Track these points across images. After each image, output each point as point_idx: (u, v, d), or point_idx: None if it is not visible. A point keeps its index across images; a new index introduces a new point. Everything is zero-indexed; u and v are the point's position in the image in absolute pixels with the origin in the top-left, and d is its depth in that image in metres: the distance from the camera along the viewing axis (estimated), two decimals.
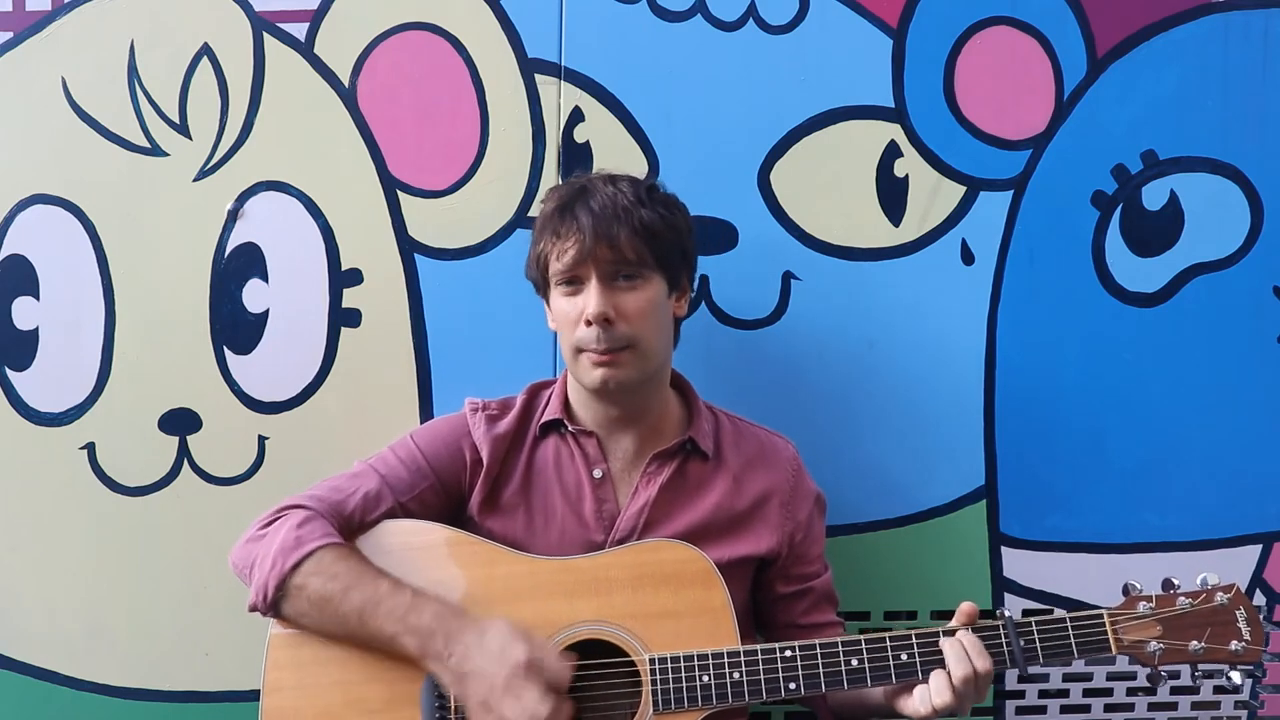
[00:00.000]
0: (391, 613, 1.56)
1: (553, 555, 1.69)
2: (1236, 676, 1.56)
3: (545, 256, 1.71)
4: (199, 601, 2.03)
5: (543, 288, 1.77)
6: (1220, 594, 1.57)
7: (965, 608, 1.58)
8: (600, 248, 1.66)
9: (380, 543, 1.68)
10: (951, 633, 1.57)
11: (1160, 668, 1.57)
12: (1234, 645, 1.55)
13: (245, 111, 1.99)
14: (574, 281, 1.69)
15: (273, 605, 1.60)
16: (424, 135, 2.01)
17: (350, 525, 1.68)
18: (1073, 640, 1.56)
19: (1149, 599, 1.58)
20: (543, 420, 1.79)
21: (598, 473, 1.77)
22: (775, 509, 1.80)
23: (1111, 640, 1.56)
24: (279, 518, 1.66)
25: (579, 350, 1.68)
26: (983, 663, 1.53)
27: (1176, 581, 1.59)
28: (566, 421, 1.78)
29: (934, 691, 1.53)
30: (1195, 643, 1.55)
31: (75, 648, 2.04)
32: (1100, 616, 1.57)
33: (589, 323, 1.65)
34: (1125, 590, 1.59)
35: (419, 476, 1.75)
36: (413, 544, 1.68)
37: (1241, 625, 1.56)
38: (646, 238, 1.69)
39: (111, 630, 2.04)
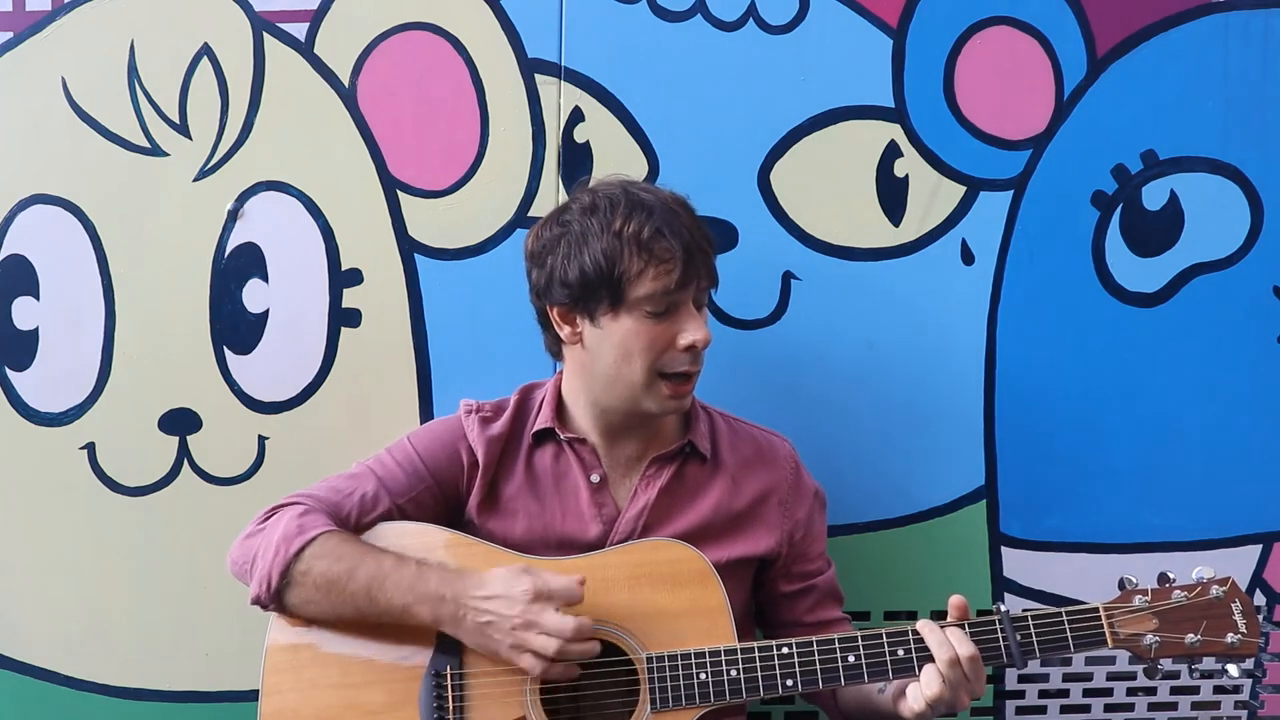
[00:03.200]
0: (399, 584, 1.57)
1: (550, 556, 1.70)
2: (1233, 669, 1.56)
3: (630, 274, 1.62)
4: (199, 601, 2.03)
5: (595, 302, 1.65)
6: (1215, 587, 1.57)
7: (955, 600, 1.58)
8: (701, 274, 1.66)
9: (377, 545, 1.68)
10: (945, 628, 1.56)
11: (1157, 661, 1.57)
12: (1230, 638, 1.55)
13: (245, 111, 1.99)
14: (671, 307, 1.65)
15: (276, 594, 1.60)
16: (424, 135, 2.01)
17: (346, 526, 1.68)
18: (1069, 634, 1.56)
19: (1145, 592, 1.57)
20: (535, 430, 1.79)
21: (595, 477, 1.76)
22: (774, 508, 1.80)
23: (1108, 634, 1.56)
24: (276, 512, 1.67)
25: (657, 375, 1.67)
26: (965, 648, 1.52)
27: (1172, 575, 1.58)
28: (559, 430, 1.78)
29: (924, 684, 1.53)
30: (1191, 635, 1.55)
31: (75, 648, 2.05)
32: (1096, 610, 1.57)
33: (690, 348, 1.65)
34: (1121, 584, 1.59)
35: (416, 479, 1.75)
36: (409, 546, 1.67)
37: (1237, 618, 1.56)
38: (714, 260, 1.71)
39: (111, 630, 2.04)
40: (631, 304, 1.64)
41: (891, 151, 2.04)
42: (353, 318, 2.03)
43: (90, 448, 2.02)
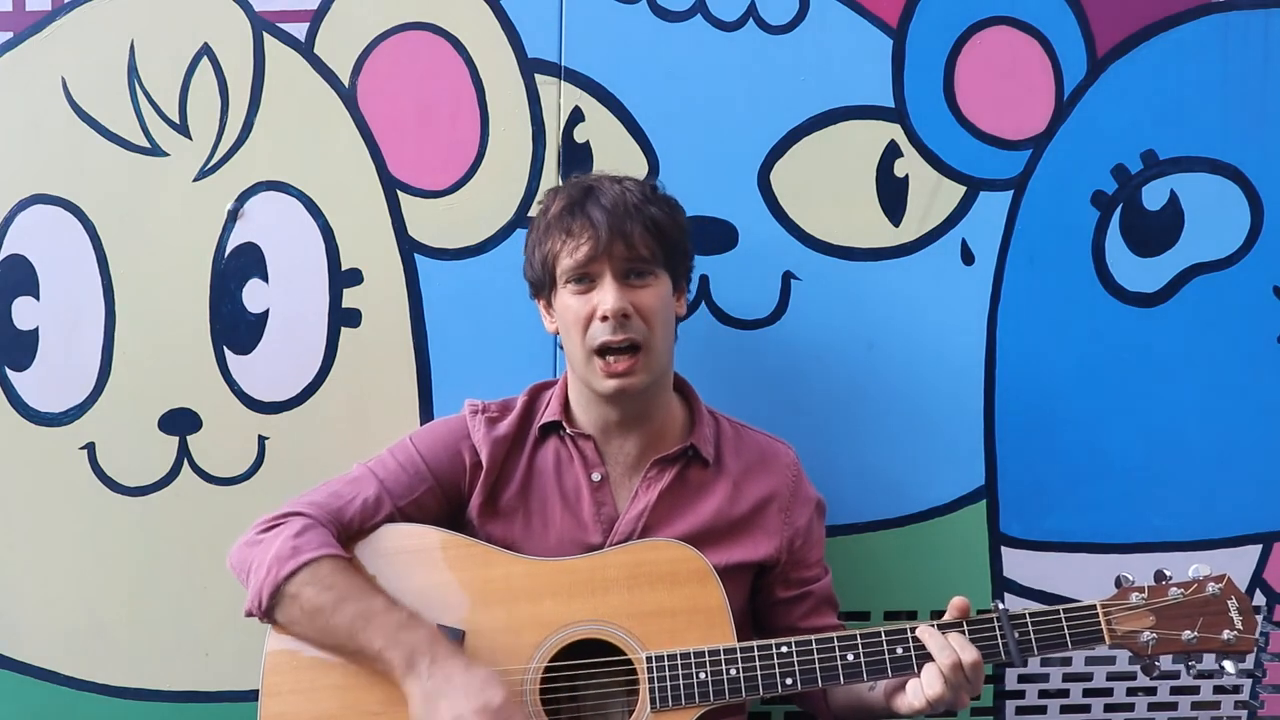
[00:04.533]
0: (383, 627, 1.56)
1: (550, 556, 1.70)
2: (1230, 666, 1.56)
3: (554, 255, 1.70)
4: (199, 601, 2.03)
5: (546, 288, 1.75)
6: (1211, 584, 1.58)
7: (956, 602, 1.59)
8: (616, 244, 1.66)
9: (377, 547, 1.69)
10: (944, 629, 1.57)
11: (1154, 658, 1.57)
12: (1226, 635, 1.56)
13: (245, 111, 1.99)
14: (586, 279, 1.69)
15: (267, 611, 1.61)
16: (424, 135, 2.01)
17: (349, 532, 1.69)
18: (1066, 631, 1.56)
19: (1141, 590, 1.58)
20: (542, 422, 1.79)
21: (596, 476, 1.76)
22: (774, 515, 1.80)
23: (1105, 631, 1.56)
24: (278, 524, 1.66)
25: (590, 352, 1.68)
26: (968, 653, 1.53)
27: (1168, 572, 1.59)
28: (565, 424, 1.78)
29: (925, 684, 1.53)
30: (1188, 632, 1.56)
31: (75, 648, 2.05)
32: (1094, 607, 1.58)
33: (605, 318, 1.65)
34: (1118, 582, 1.60)
35: (418, 480, 1.75)
36: (409, 547, 1.68)
37: (1233, 615, 1.57)
38: (657, 234, 1.70)
39: (111, 630, 2.04)
40: (560, 281, 1.71)
41: (891, 151, 2.04)
42: (353, 318, 2.03)
43: (90, 448, 2.02)
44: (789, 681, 1.57)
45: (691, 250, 1.83)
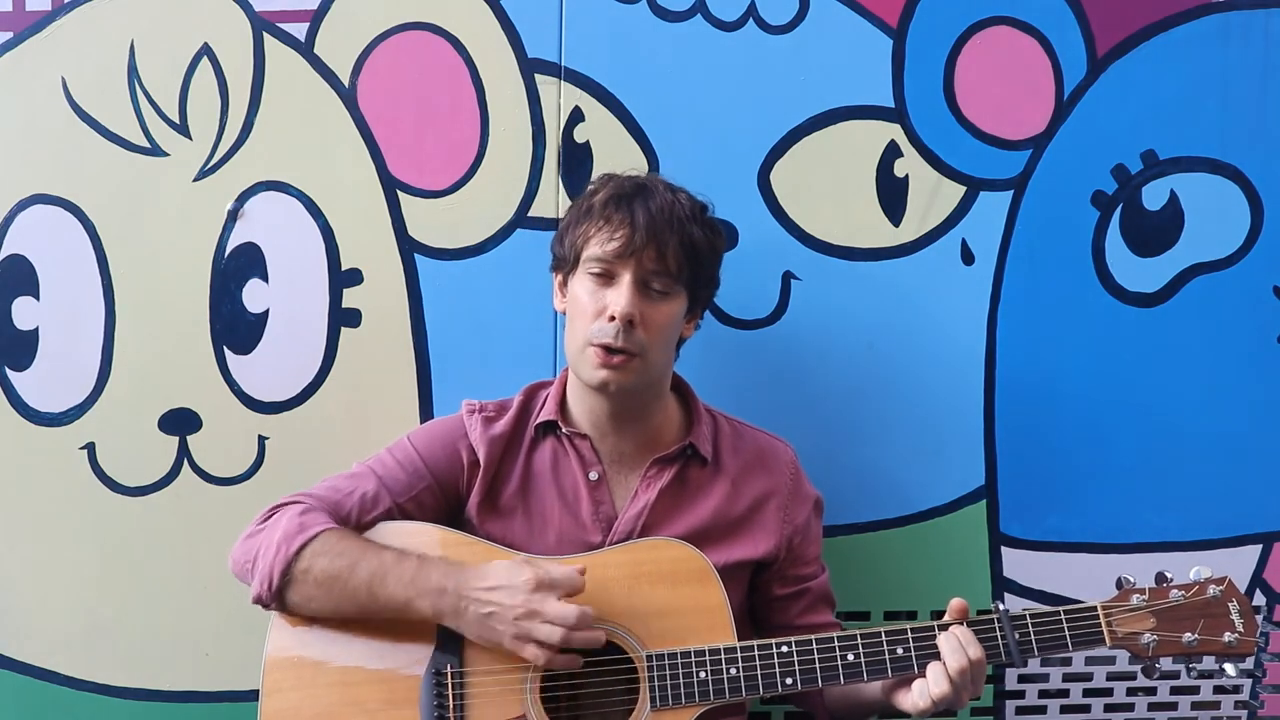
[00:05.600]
0: (400, 579, 1.57)
1: (550, 555, 1.69)
2: (1230, 668, 1.57)
3: (584, 238, 1.70)
4: (199, 601, 2.03)
5: (567, 267, 1.75)
6: (1213, 586, 1.58)
7: (955, 603, 1.59)
8: (648, 249, 1.66)
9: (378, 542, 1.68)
10: (945, 628, 1.57)
11: (1155, 660, 1.57)
12: (1227, 637, 1.56)
13: (245, 111, 1.99)
14: (607, 274, 1.68)
15: (277, 593, 1.60)
16: (424, 135, 2.01)
17: (346, 526, 1.69)
18: (1067, 633, 1.57)
19: (1142, 592, 1.58)
20: (538, 421, 1.79)
21: (594, 475, 1.76)
22: (773, 513, 1.80)
23: (1105, 632, 1.56)
24: (277, 511, 1.67)
25: (588, 343, 1.67)
26: (975, 651, 1.53)
27: (1169, 574, 1.59)
28: (561, 423, 1.78)
29: (931, 683, 1.54)
30: (1189, 634, 1.56)
31: (75, 648, 2.04)
32: (1094, 609, 1.58)
33: (612, 318, 1.65)
34: (1119, 583, 1.60)
35: (416, 478, 1.75)
36: (409, 544, 1.67)
37: (1234, 617, 1.57)
38: (690, 253, 1.69)
39: (111, 630, 2.04)
40: (582, 265, 1.70)
41: (891, 151, 2.04)
42: (353, 318, 2.03)
43: (90, 448, 2.02)
44: (789, 681, 1.57)
45: (719, 281, 1.82)
